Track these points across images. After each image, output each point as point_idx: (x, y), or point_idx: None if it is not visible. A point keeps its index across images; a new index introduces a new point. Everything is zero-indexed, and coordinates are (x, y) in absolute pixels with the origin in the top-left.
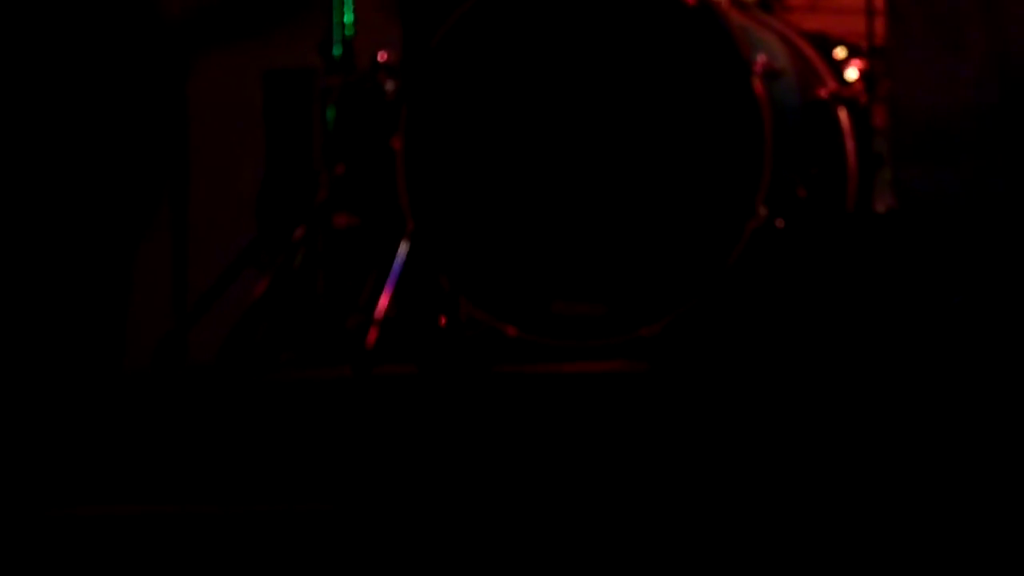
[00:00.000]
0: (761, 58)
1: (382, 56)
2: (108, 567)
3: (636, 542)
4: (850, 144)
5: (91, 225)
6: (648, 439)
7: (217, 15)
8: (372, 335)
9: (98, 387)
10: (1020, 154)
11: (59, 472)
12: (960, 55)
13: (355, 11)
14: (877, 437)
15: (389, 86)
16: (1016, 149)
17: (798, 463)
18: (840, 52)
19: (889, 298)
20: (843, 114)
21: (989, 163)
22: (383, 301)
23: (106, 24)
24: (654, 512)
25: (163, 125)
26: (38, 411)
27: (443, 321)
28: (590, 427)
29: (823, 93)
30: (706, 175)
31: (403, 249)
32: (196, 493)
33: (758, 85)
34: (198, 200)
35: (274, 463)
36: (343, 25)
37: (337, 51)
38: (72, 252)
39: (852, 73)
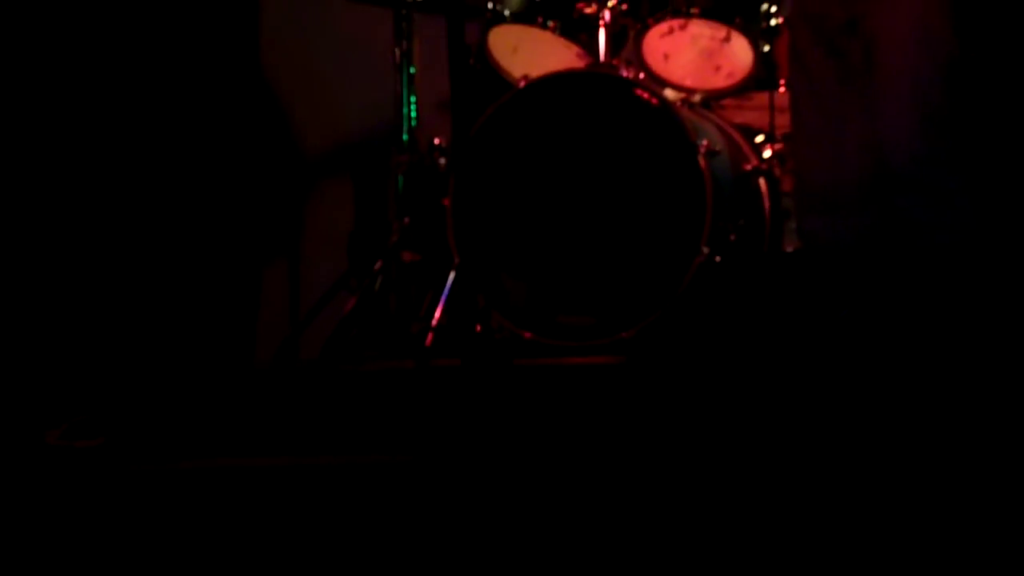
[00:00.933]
0: (704, 142)
1: (436, 141)
2: (245, 500)
3: (614, 480)
4: (767, 203)
5: (235, 265)
6: (625, 410)
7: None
8: (429, 338)
9: (237, 376)
10: (889, 210)
11: (208, 436)
12: (843, 141)
13: (418, 109)
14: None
15: (441, 162)
16: (886, 206)
17: (731, 423)
18: (759, 138)
19: (794, 311)
20: (762, 182)
21: (867, 216)
22: (437, 313)
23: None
24: (629, 458)
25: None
26: (199, 391)
27: (479, 328)
28: (584, 402)
29: (747, 167)
30: (665, 225)
31: (451, 277)
32: (308, 447)
33: (702, 162)
34: (308, 242)
35: (363, 427)
36: (410, 118)
37: (405, 137)
38: (219, 283)
39: (768, 153)
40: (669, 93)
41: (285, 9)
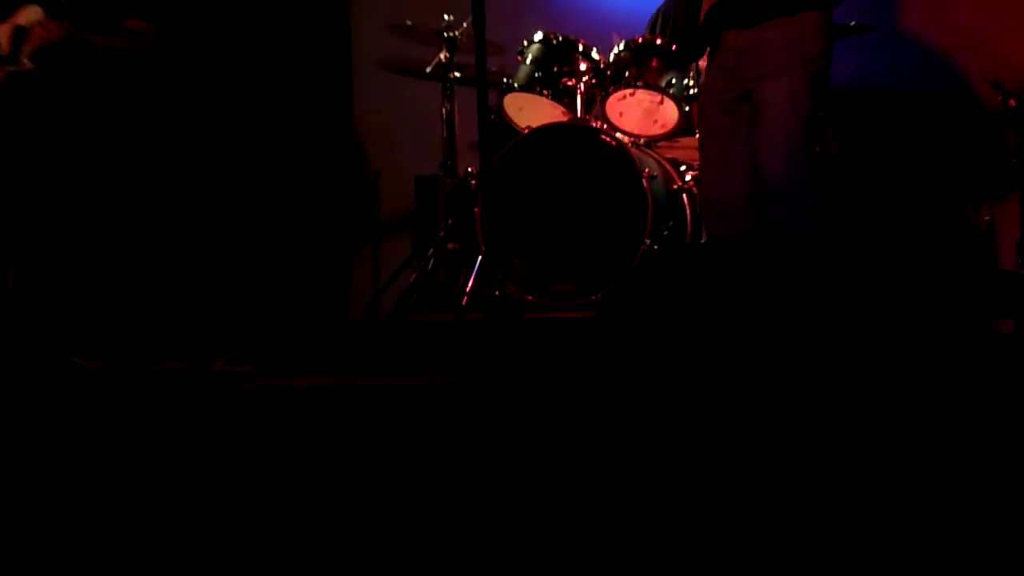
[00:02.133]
0: (646, 170)
1: (470, 169)
2: (341, 411)
3: (589, 388)
4: (688, 211)
5: (335, 253)
6: (595, 348)
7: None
8: (464, 300)
9: (337, 325)
10: (766, 215)
11: (319, 364)
12: (731, 171)
13: (457, 148)
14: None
15: (472, 183)
16: (764, 213)
17: (663, 352)
18: (683, 168)
19: (705, 282)
20: (684, 197)
21: (751, 220)
22: (469, 284)
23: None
24: (598, 376)
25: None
26: (316, 334)
27: (498, 293)
28: (567, 342)
29: (675, 187)
30: (621, 224)
31: (479, 260)
32: (385, 372)
33: (645, 183)
34: (385, 237)
35: (421, 358)
36: (452, 154)
37: (449, 166)
38: (325, 265)
39: (688, 177)
40: (623, 138)
41: (370, 82)
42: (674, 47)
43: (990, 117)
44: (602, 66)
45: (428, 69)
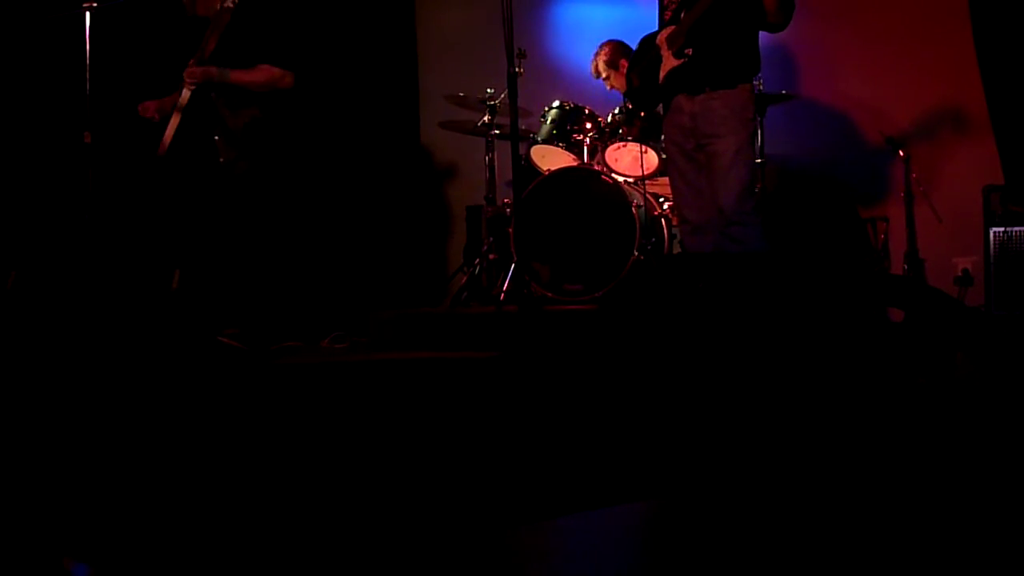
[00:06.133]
0: (635, 201)
1: (506, 200)
2: (421, 372)
3: (592, 357)
4: (665, 231)
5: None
6: (598, 330)
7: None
8: (502, 296)
9: (406, 314)
10: (724, 233)
11: (390, 343)
12: (700, 200)
13: (497, 184)
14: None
15: (508, 211)
16: (723, 231)
17: (648, 333)
18: (661, 199)
19: (678, 282)
20: (662, 221)
21: (714, 236)
22: (505, 285)
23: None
24: (596, 350)
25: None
26: (384, 323)
27: (525, 291)
28: (578, 326)
29: (656, 213)
30: (616, 241)
31: (512, 267)
32: (447, 348)
33: (633, 210)
34: (450, 250)
35: (471, 338)
36: (493, 189)
37: (491, 198)
38: (400, 269)
39: (666, 206)
40: (618, 178)
41: (433, 138)
42: (631, 104)
43: (883, 162)
44: (602, 125)
45: (478, 124)
